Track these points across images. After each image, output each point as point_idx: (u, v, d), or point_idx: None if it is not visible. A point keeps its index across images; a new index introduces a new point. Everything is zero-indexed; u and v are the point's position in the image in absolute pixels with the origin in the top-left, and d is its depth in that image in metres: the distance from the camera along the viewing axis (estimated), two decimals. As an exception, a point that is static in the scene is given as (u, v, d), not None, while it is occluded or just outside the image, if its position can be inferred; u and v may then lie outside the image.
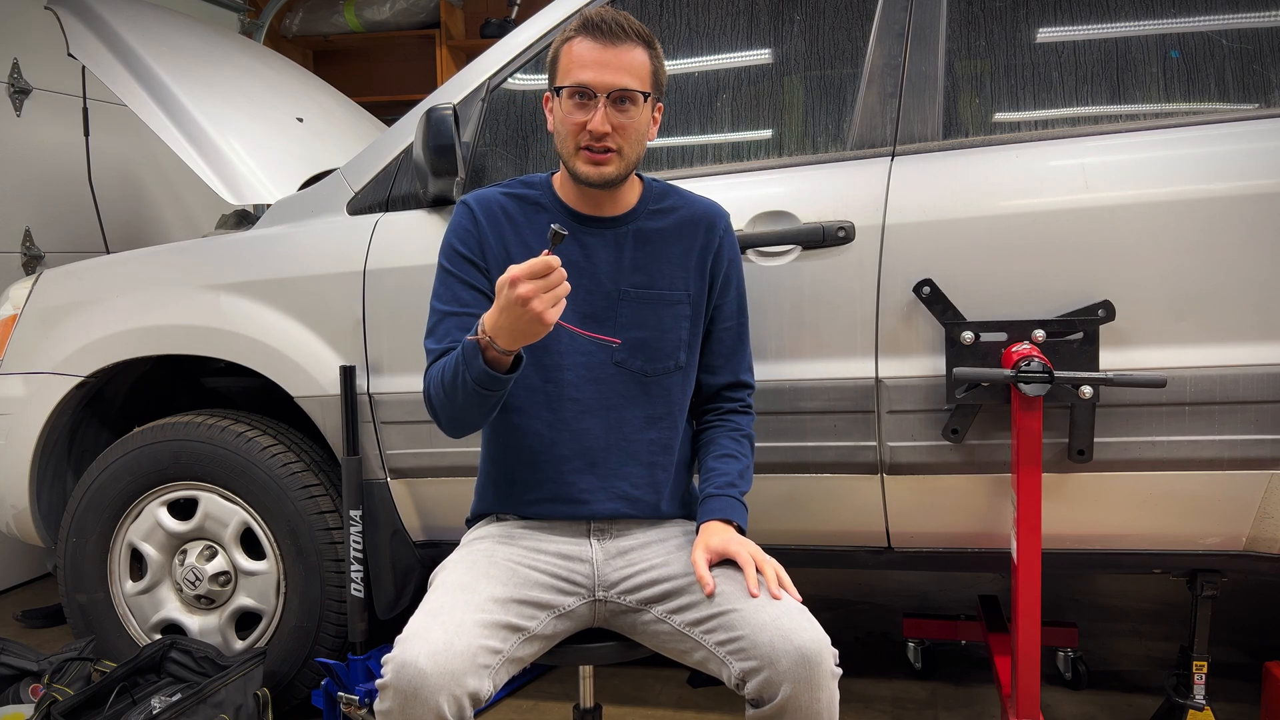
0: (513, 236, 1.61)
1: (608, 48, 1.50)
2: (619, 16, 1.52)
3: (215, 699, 2.05)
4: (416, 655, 1.32)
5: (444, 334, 1.57)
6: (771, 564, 1.49)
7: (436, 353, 1.56)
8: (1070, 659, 2.44)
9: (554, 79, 1.56)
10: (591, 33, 1.51)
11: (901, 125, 1.94)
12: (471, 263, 1.60)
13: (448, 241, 1.62)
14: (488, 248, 1.61)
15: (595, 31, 1.51)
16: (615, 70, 1.50)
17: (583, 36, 1.52)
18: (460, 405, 1.45)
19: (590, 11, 1.54)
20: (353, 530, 2.20)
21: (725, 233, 1.68)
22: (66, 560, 2.36)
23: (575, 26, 1.53)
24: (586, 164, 1.53)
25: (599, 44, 1.50)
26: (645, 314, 1.61)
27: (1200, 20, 1.87)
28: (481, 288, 1.59)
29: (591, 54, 1.50)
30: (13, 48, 3.32)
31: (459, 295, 1.59)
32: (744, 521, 1.58)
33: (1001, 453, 1.90)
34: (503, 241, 1.61)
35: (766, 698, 1.37)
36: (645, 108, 1.54)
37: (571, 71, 1.51)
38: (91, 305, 2.34)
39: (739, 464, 1.64)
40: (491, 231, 1.61)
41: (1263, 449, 1.80)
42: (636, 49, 1.52)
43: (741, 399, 1.72)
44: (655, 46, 1.55)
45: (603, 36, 1.50)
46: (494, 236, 1.61)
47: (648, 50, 1.54)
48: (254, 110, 2.65)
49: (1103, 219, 1.81)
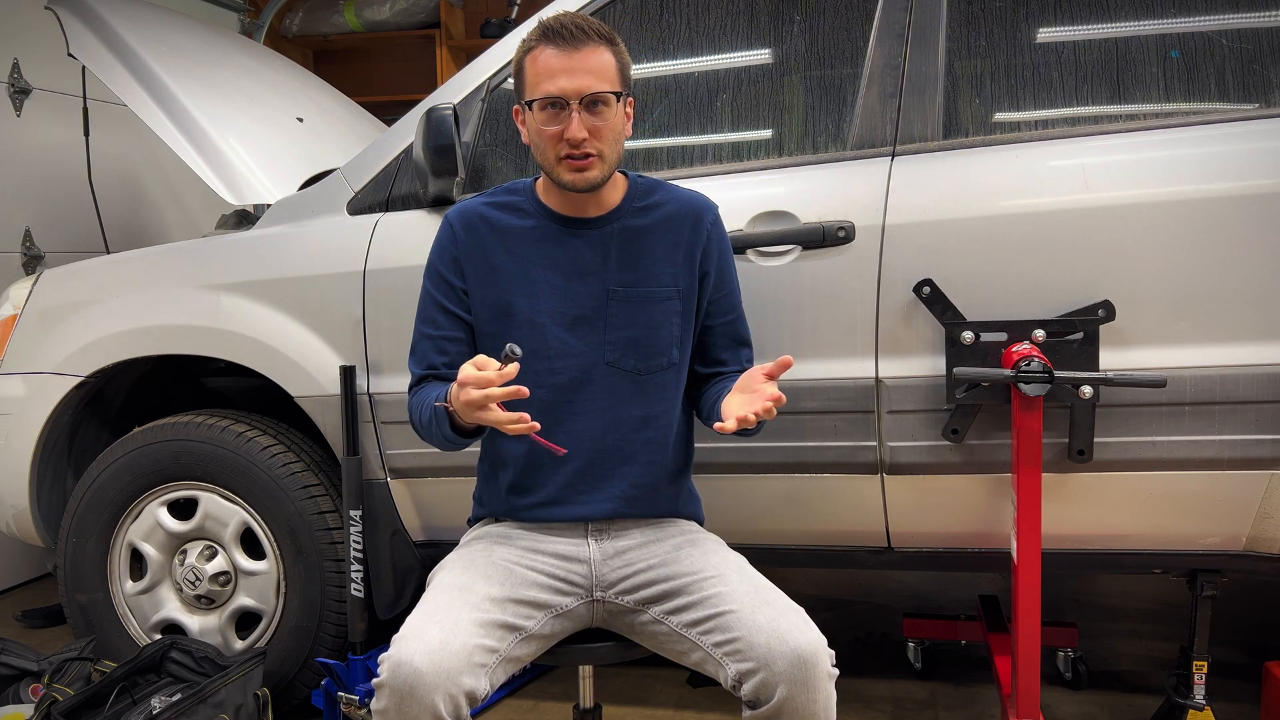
0: (496, 246, 1.62)
1: (572, 53, 1.49)
2: (577, 19, 1.51)
3: (215, 699, 2.05)
4: (412, 654, 1.32)
5: (421, 356, 1.65)
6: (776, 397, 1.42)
7: (416, 376, 1.64)
8: (1070, 659, 2.44)
9: (522, 92, 1.55)
10: (553, 40, 1.50)
11: (901, 125, 1.94)
12: (448, 283, 1.63)
13: (430, 259, 1.67)
14: (467, 264, 1.62)
15: (557, 38, 1.49)
16: (583, 75, 1.49)
17: (544, 45, 1.50)
18: (440, 444, 1.55)
19: (548, 18, 1.53)
20: (353, 530, 2.20)
21: (714, 225, 1.67)
22: (66, 560, 2.36)
23: (535, 35, 1.52)
24: (570, 172, 1.53)
25: (562, 50, 1.49)
26: (635, 312, 1.61)
27: (1200, 20, 1.87)
28: (455, 310, 1.64)
29: (557, 61, 1.49)
30: (13, 48, 3.32)
31: (434, 318, 1.64)
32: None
33: (1001, 453, 1.90)
34: (484, 253, 1.62)
35: (763, 699, 1.37)
36: (618, 107, 1.53)
37: (540, 83, 1.50)
38: (91, 305, 2.34)
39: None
40: (473, 246, 1.62)
41: (1263, 449, 1.80)
42: (600, 49, 1.51)
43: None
44: (617, 43, 1.55)
45: (565, 42, 1.49)
46: (475, 250, 1.62)
47: (611, 48, 1.53)
48: (254, 110, 2.65)
49: (1103, 219, 1.81)
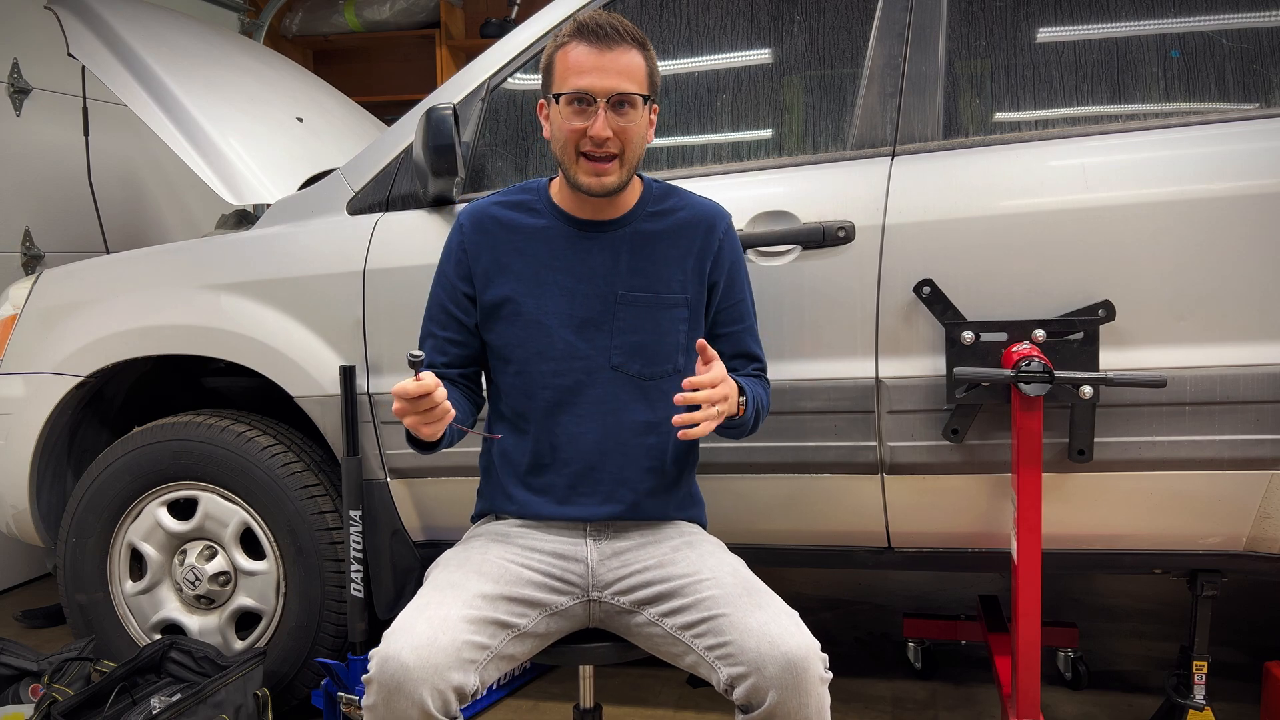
0: (507, 246, 1.62)
1: (604, 52, 1.49)
2: (612, 20, 1.51)
3: (215, 699, 2.05)
4: (400, 649, 1.33)
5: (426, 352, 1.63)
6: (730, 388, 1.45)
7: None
8: (1070, 659, 2.44)
9: (549, 85, 1.55)
10: (586, 37, 1.50)
11: (901, 125, 1.94)
12: (454, 288, 1.65)
13: (440, 260, 1.68)
14: (476, 265, 1.63)
15: (590, 36, 1.50)
16: (613, 74, 1.49)
17: (577, 41, 1.51)
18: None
19: (583, 16, 1.53)
20: (353, 530, 2.20)
21: (725, 234, 1.67)
22: (66, 560, 2.36)
23: (569, 31, 1.52)
24: (587, 174, 1.53)
25: (595, 48, 1.49)
26: (642, 317, 1.61)
27: (1200, 20, 1.87)
28: (458, 315, 1.65)
29: (588, 59, 1.49)
30: (13, 48, 3.32)
31: (437, 317, 1.67)
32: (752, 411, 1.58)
33: (1001, 453, 1.90)
34: (495, 254, 1.62)
35: (755, 704, 1.37)
36: (644, 111, 1.53)
37: (569, 78, 1.50)
38: (91, 305, 2.34)
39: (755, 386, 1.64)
40: (483, 247, 1.62)
41: (1263, 449, 1.80)
42: (632, 51, 1.51)
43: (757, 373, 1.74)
44: (649, 48, 1.55)
45: (598, 40, 1.49)
46: (486, 251, 1.62)
47: (643, 52, 1.53)
48: (254, 110, 2.64)
49: (1103, 219, 1.81)
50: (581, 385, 1.60)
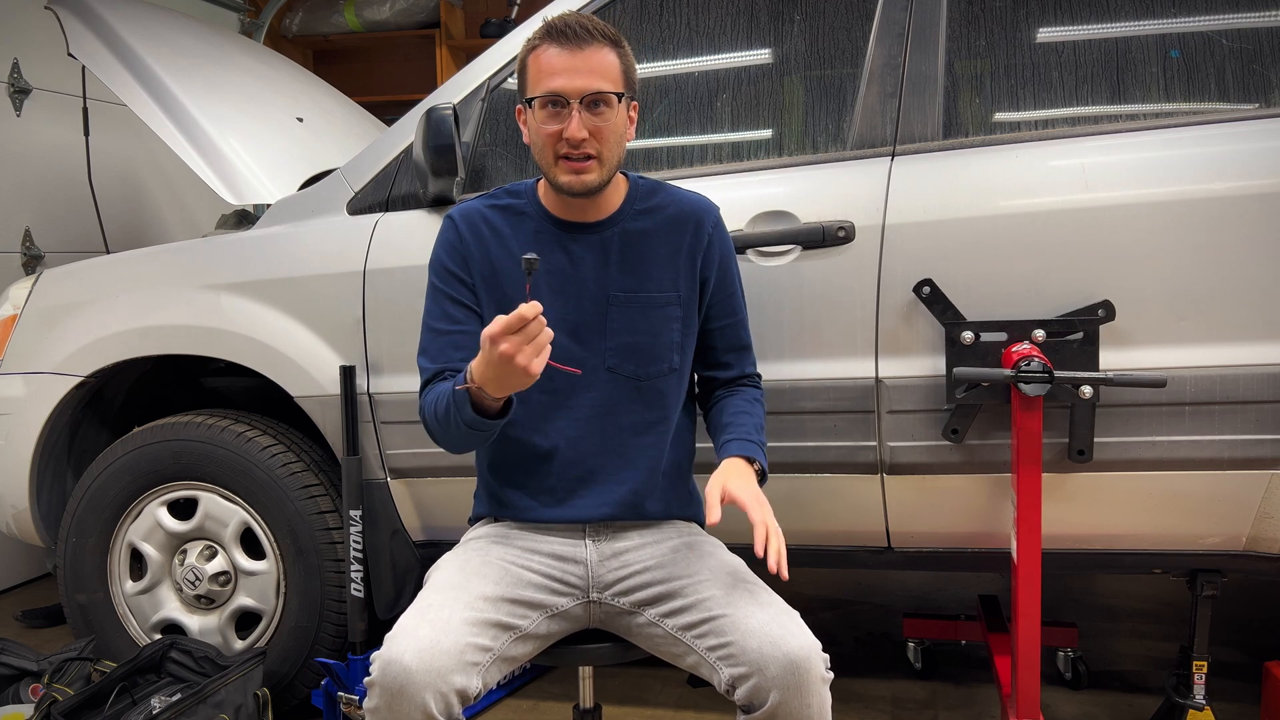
0: (497, 247, 1.61)
1: (575, 52, 1.48)
2: (583, 19, 1.50)
3: (215, 699, 2.05)
4: (402, 652, 1.32)
5: (437, 353, 1.59)
6: (778, 536, 1.41)
7: (431, 373, 1.58)
8: (1070, 659, 2.44)
9: (524, 90, 1.54)
10: (557, 39, 1.49)
11: (901, 125, 1.94)
12: (459, 278, 1.61)
13: (435, 257, 1.64)
14: (472, 262, 1.61)
15: (560, 37, 1.48)
16: (585, 74, 1.48)
17: (548, 43, 1.49)
18: (457, 439, 1.48)
19: (553, 18, 1.52)
20: (353, 530, 2.20)
21: (715, 228, 1.66)
22: (66, 560, 2.36)
23: (540, 34, 1.51)
24: (567, 174, 1.52)
25: (566, 49, 1.48)
26: (635, 318, 1.60)
27: (1200, 20, 1.87)
28: (469, 304, 1.61)
29: (560, 60, 1.48)
30: (13, 48, 3.32)
31: (449, 312, 1.60)
32: (765, 461, 1.56)
33: (1001, 453, 1.90)
34: (486, 254, 1.61)
35: (756, 704, 1.37)
36: (620, 108, 1.52)
37: (541, 80, 1.49)
38: (91, 305, 2.35)
39: (754, 419, 1.63)
40: (475, 245, 1.61)
41: (1263, 449, 1.80)
42: (604, 50, 1.50)
43: (751, 381, 1.73)
44: (623, 45, 1.54)
45: (569, 41, 1.48)
46: (478, 250, 1.61)
47: (616, 50, 1.52)
48: (254, 110, 2.64)
49: (1103, 219, 1.81)
50: (576, 388, 1.60)
